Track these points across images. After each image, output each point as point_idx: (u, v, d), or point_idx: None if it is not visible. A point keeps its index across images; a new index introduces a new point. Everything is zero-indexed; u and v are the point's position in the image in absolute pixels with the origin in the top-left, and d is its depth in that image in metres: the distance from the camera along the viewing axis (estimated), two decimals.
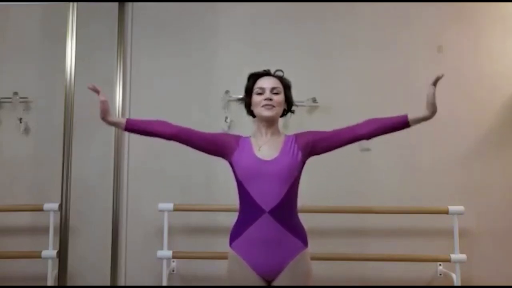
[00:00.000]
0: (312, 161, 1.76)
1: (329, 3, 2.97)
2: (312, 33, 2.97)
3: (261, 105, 1.70)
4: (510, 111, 2.92)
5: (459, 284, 2.64)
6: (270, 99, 1.69)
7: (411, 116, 1.65)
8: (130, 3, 3.01)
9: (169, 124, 1.77)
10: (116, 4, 2.99)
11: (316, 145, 1.71)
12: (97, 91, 1.72)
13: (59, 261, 2.21)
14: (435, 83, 1.64)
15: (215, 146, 1.74)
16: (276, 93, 1.72)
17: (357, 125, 1.72)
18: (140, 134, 1.77)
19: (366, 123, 1.71)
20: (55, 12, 2.84)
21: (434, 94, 1.63)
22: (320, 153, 1.73)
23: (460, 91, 2.90)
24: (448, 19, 2.97)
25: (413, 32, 2.97)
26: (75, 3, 2.24)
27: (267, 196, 1.63)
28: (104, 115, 1.72)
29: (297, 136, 1.75)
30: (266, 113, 1.69)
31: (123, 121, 1.76)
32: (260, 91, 1.72)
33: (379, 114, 2.82)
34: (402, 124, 1.67)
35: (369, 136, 1.70)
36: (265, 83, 1.73)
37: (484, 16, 2.97)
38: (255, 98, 1.73)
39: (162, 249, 2.71)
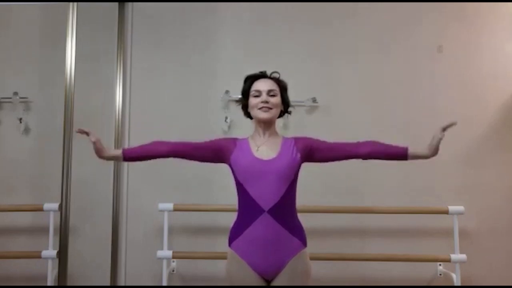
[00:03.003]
0: None
1: (329, 3, 2.96)
2: (312, 33, 2.97)
3: (258, 107, 1.72)
4: (510, 111, 2.92)
5: (459, 284, 2.64)
6: (267, 102, 1.71)
7: (411, 151, 1.70)
8: (130, 3, 3.01)
9: (164, 142, 1.78)
10: (116, 4, 2.98)
11: (315, 152, 1.74)
12: (86, 133, 1.73)
13: (59, 261, 2.21)
14: (445, 129, 1.66)
15: (213, 152, 1.76)
16: (273, 95, 1.73)
17: (357, 144, 1.75)
18: (139, 160, 1.81)
19: (367, 144, 1.74)
20: (55, 12, 2.84)
21: (440, 140, 1.66)
22: (315, 161, 1.76)
23: (460, 91, 2.91)
24: (448, 19, 2.97)
25: (413, 32, 2.97)
26: (75, 3, 2.24)
27: (266, 195, 1.64)
28: (99, 154, 1.74)
29: (296, 139, 1.77)
30: (263, 115, 1.71)
31: (119, 153, 1.78)
32: (256, 94, 1.73)
33: (379, 113, 2.85)
34: (400, 155, 1.73)
35: (366, 157, 1.74)
36: (261, 85, 1.74)
37: (484, 16, 2.97)
38: (252, 101, 1.74)
39: (162, 249, 2.71)
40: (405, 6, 2.96)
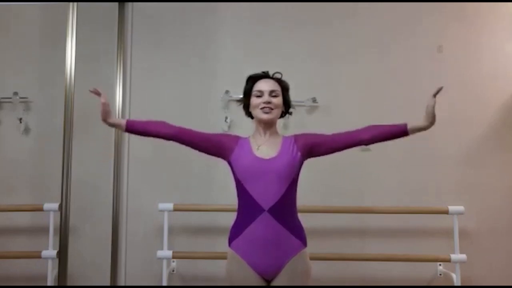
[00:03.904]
0: (312, 160, 1.77)
1: (329, 3, 2.96)
2: (313, 33, 2.97)
3: (260, 107, 1.72)
4: (510, 111, 2.92)
5: (459, 284, 2.64)
6: (269, 102, 1.71)
7: (410, 125, 1.69)
8: (130, 3, 3.01)
9: (169, 124, 1.78)
10: (116, 4, 2.98)
11: (316, 148, 1.73)
12: (98, 94, 1.74)
13: (59, 261, 2.21)
14: (435, 95, 1.66)
15: (214, 146, 1.75)
16: (275, 96, 1.73)
17: (358, 131, 1.75)
18: (140, 135, 1.79)
19: (367, 129, 1.74)
20: (55, 12, 2.84)
21: (434, 106, 1.65)
22: (319, 156, 1.75)
23: (460, 91, 2.90)
24: (448, 19, 2.97)
25: (413, 32, 2.97)
26: (75, 3, 2.24)
27: (266, 194, 1.64)
28: (105, 116, 1.75)
29: (296, 137, 1.76)
30: (265, 116, 1.72)
31: (123, 122, 1.78)
32: (258, 94, 1.74)
33: (379, 113, 2.84)
34: (401, 132, 1.71)
35: (368, 142, 1.74)
36: (263, 86, 1.74)
37: (484, 16, 2.97)
38: (254, 101, 1.74)
39: (162, 249, 2.71)
40: (405, 6, 2.96)
